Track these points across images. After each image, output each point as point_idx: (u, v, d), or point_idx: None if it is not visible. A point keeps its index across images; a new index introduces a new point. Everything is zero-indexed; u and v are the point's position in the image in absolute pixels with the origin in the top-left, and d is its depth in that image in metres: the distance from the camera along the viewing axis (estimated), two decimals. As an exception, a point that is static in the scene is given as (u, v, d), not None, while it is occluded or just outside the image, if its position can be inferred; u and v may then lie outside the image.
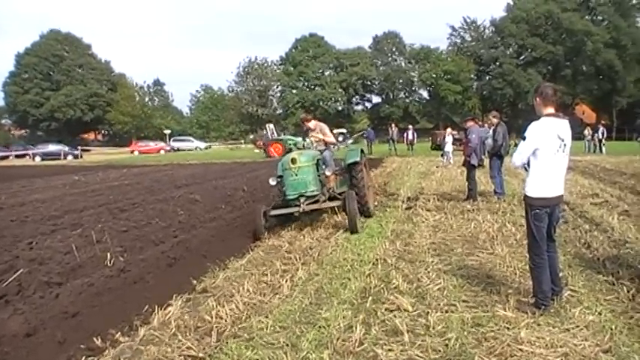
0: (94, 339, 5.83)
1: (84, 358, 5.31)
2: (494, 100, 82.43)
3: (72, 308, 6.67)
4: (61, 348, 5.55)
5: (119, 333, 6.06)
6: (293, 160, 11.16)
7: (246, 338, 5.78)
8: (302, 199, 11.11)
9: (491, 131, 15.35)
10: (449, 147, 29.38)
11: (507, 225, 11.00)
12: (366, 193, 12.61)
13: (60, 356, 5.38)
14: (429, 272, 7.86)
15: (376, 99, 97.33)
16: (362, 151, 13.23)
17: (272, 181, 11.67)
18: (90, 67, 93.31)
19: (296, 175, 11.11)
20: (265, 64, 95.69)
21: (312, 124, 12.91)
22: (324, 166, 12.04)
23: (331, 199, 11.77)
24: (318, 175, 11.57)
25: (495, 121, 15.44)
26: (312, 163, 11.36)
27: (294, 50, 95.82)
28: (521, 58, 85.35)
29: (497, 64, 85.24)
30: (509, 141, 15.59)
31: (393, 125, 46.54)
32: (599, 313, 6.01)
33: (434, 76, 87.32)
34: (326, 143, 12.81)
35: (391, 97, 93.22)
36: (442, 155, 30.24)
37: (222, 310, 6.54)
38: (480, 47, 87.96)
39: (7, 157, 64.95)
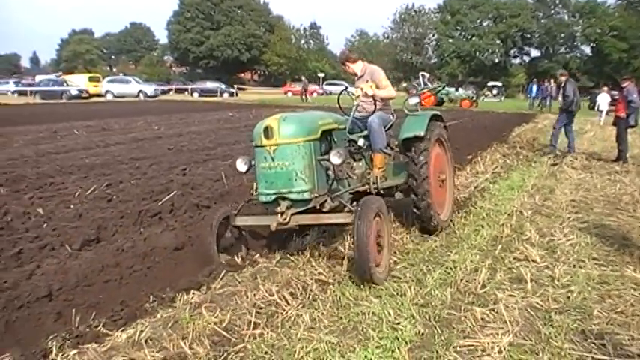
0: (235, 257, 6.35)
1: (224, 271, 5.80)
2: (663, 60, 76.93)
3: (217, 229, 7.25)
4: (204, 262, 6.08)
5: (258, 254, 6.53)
6: (267, 131, 5.92)
7: (375, 271, 6.03)
8: (283, 204, 5.87)
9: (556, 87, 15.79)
10: (603, 106, 27.92)
11: (656, 190, 10.56)
12: (428, 191, 7.04)
13: (203, 269, 5.92)
14: (563, 228, 7.81)
15: (535, 53, 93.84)
16: (435, 116, 7.69)
17: (241, 166, 6.38)
18: (249, 8, 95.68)
19: (272, 159, 5.85)
20: (422, 12, 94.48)
21: (359, 66, 7.71)
22: (353, 142, 7.12)
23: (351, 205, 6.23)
24: (323, 160, 6.06)
25: (563, 78, 16.07)
26: (304, 139, 5.90)
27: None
28: (699, 15, 78.77)
29: (671, 21, 79.15)
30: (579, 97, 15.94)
31: (551, 81, 44.80)
32: None
33: (598, 31, 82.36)
34: (377, 101, 7.36)
35: (551, 51, 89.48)
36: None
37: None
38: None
39: (168, 91, 68.46)
